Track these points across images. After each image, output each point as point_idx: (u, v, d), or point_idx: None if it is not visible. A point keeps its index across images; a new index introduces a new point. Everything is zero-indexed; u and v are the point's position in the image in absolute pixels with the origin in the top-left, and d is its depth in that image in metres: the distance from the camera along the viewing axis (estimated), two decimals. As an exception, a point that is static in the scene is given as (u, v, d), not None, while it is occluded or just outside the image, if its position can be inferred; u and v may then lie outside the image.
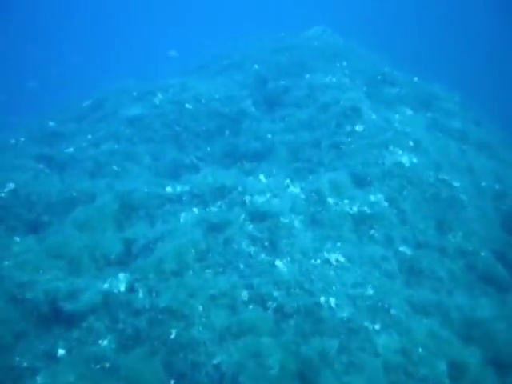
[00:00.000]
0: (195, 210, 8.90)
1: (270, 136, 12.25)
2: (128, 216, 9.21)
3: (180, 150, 12.59)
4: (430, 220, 10.51)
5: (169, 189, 9.59)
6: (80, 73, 38.05)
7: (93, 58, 42.43)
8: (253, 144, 12.19)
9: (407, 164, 10.87)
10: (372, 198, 10.01)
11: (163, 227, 8.55)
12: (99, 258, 8.20)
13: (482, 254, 10.10)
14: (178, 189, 9.55)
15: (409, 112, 13.82)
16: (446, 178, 11.21)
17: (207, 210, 8.96)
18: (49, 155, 12.01)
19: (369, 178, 10.54)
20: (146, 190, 9.52)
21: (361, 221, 9.54)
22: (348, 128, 11.86)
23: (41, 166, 11.54)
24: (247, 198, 9.00)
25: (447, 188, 11.06)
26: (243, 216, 8.66)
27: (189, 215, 8.73)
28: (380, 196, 10.04)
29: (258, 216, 8.72)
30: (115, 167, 11.32)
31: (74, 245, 8.14)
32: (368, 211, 9.63)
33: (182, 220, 8.67)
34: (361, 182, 10.54)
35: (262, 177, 10.15)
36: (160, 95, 13.69)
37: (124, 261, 8.32)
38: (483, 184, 11.99)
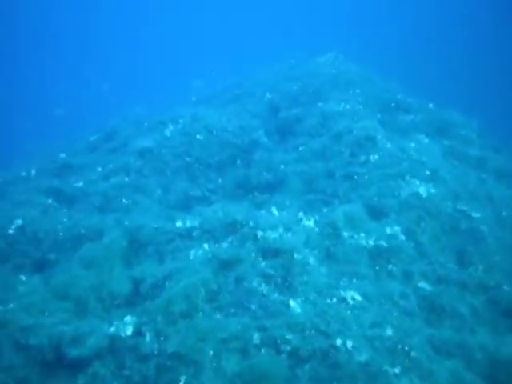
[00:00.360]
0: (205, 246, 8.61)
1: (282, 167, 12.00)
2: (136, 253, 8.93)
3: (191, 181, 12.37)
4: (450, 253, 10.12)
5: (179, 224, 9.31)
6: (106, 99, 38.25)
7: (118, 85, 42.65)
8: (265, 175, 11.95)
9: (424, 195, 10.53)
10: (388, 230, 9.66)
11: (172, 265, 8.26)
12: (106, 298, 7.91)
13: (505, 287, 9.66)
14: (188, 224, 9.26)
15: (425, 140, 13.48)
16: (465, 208, 10.85)
17: (218, 246, 8.65)
18: (58, 189, 11.84)
19: (385, 210, 10.21)
20: (155, 226, 9.26)
21: (377, 255, 9.18)
22: (362, 158, 11.58)
23: (50, 200, 11.36)
24: (259, 233, 8.70)
25: (466, 219, 10.70)
26: (255, 252, 8.36)
27: (199, 252, 8.44)
28: (397, 228, 9.69)
29: (271, 252, 8.41)
30: (125, 200, 11.11)
31: (81, 285, 7.87)
32: (385, 245, 9.28)
33: (191, 257, 8.38)
34: (377, 213, 10.21)
35: (274, 210, 9.87)
36: (171, 126, 13.53)
37: (132, 300, 8.02)
38: (504, 214, 11.60)
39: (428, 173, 11.34)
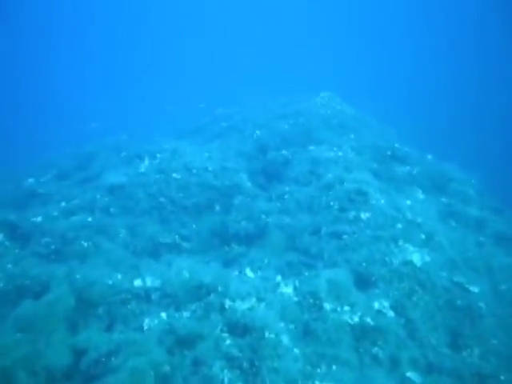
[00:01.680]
0: (163, 315, 7.42)
1: (264, 217, 10.88)
2: (84, 314, 7.72)
3: (163, 224, 11.21)
4: (444, 333, 8.98)
5: (137, 282, 8.13)
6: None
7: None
8: (244, 225, 10.82)
9: (419, 263, 9.43)
10: (376, 305, 8.52)
11: (122, 335, 7.05)
12: (40, 373, 6.66)
13: (502, 377, 8.51)
14: (149, 283, 8.09)
15: (421, 196, 12.45)
16: (462, 280, 9.76)
17: (178, 315, 7.44)
18: (14, 224, 10.66)
19: (373, 279, 9.09)
20: (110, 282, 8.08)
21: (362, 335, 8.01)
22: (352, 214, 10.49)
23: (1, 236, 10.09)
24: (227, 303, 7.53)
25: (463, 293, 9.60)
26: (220, 327, 7.17)
27: (154, 321, 7.25)
28: (386, 304, 8.55)
29: (239, 328, 7.23)
30: (84, 243, 9.89)
31: (10, 355, 6.60)
32: (371, 323, 8.12)
33: (145, 327, 7.18)
34: (364, 282, 9.08)
35: (248, 271, 8.73)
36: (147, 161, 12.41)
37: (70, 375, 6.76)
38: (503, 287, 10.47)
39: (423, 237, 10.26)
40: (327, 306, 8.23)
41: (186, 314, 7.45)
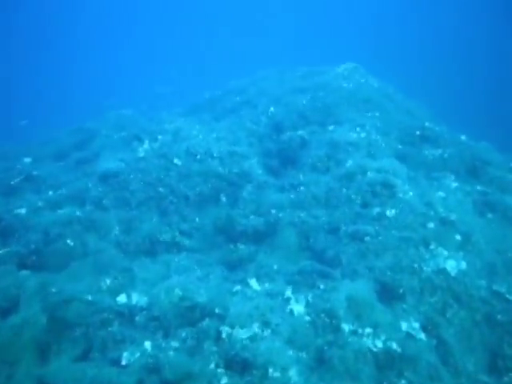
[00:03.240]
0: (147, 344, 6.19)
1: (275, 211, 9.55)
2: (58, 336, 6.57)
3: (161, 218, 9.98)
4: (482, 355, 7.68)
5: (121, 298, 6.93)
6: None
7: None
8: (253, 220, 9.52)
9: (453, 272, 8.07)
10: (404, 325, 7.21)
11: (96, 370, 5.80)
12: (-5, 417, 5.50)
13: (551, 409, 7.21)
14: (134, 300, 6.89)
15: (454, 184, 10.97)
16: (503, 289, 8.40)
17: (165, 344, 6.20)
18: (-4, 216, 9.44)
19: (401, 291, 7.76)
20: (90, 299, 6.83)
21: (387, 364, 6.75)
22: (376, 211, 9.12)
23: (-21, 230, 8.98)
24: (225, 331, 6.25)
25: (504, 305, 8.23)
26: (215, 362, 5.90)
27: (136, 354, 6.02)
28: (416, 324, 7.23)
29: (237, 363, 5.95)
30: (70, 242, 8.70)
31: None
32: (398, 349, 6.81)
33: (124, 361, 5.96)
34: (390, 295, 7.77)
35: (254, 282, 7.46)
36: (147, 144, 11.10)
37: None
38: (551, 296, 9.03)
39: (458, 238, 8.85)
40: (345, 327, 6.95)
41: (174, 344, 6.21)
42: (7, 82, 37.36)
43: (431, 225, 8.86)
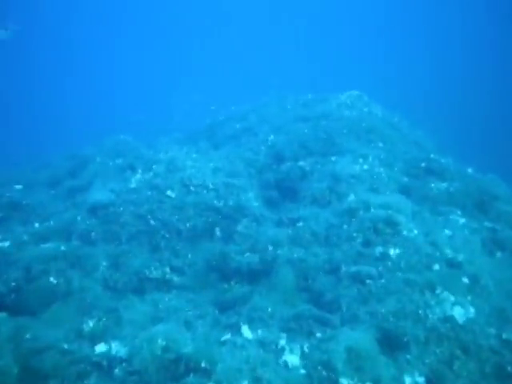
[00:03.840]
0: (124, 406, 5.61)
1: (271, 248, 9.04)
2: (30, 390, 5.96)
3: (152, 253, 9.46)
4: (491, 412, 7.05)
5: (101, 348, 6.35)
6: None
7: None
8: (248, 257, 9.01)
9: (461, 320, 7.53)
10: (408, 380, 6.64)
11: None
12: None
13: None
14: (114, 350, 6.33)
15: (461, 220, 10.46)
16: (514, 338, 7.77)
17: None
18: (-24, 249, 8.95)
19: (405, 340, 7.18)
20: (67, 348, 6.29)
21: (388, 426, 6.12)
22: (379, 250, 8.60)
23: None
24: (212, 389, 5.67)
25: (514, 355, 7.61)
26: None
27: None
28: (420, 379, 6.65)
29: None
30: (53, 280, 8.19)
31: None
32: (400, 409, 6.21)
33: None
34: (393, 343, 7.21)
35: (246, 329, 6.92)
36: (139, 174, 10.67)
37: None
38: None
39: (466, 281, 8.32)
40: (344, 381, 6.39)
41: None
42: (5, 103, 37.16)
43: (437, 267, 8.35)
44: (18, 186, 13.35)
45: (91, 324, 7.35)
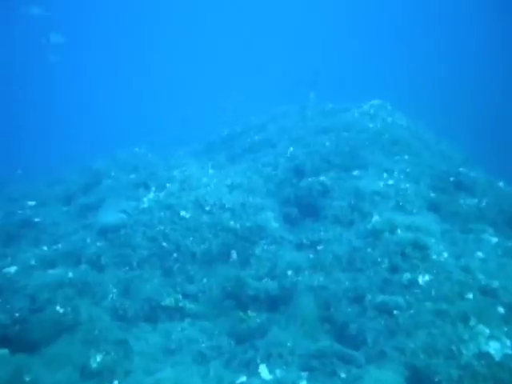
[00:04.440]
0: None
1: (291, 273, 8.48)
2: None
3: (165, 278, 9.01)
4: None
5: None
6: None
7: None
8: (266, 283, 8.48)
9: (497, 356, 6.86)
10: (440, 428, 6.00)
11: None
12: None
13: None
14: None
15: (493, 239, 9.80)
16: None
17: None
18: (-18, 275, 8.55)
19: (436, 379, 6.55)
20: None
21: None
22: (406, 277, 8.00)
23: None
24: None
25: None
26: None
27: None
28: (454, 427, 6.01)
29: None
30: (59, 309, 7.72)
31: None
32: None
33: None
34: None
35: (263, 368, 6.37)
36: (152, 192, 10.20)
37: None
38: None
39: (502, 311, 7.64)
40: (370, 431, 5.78)
41: None
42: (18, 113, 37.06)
43: (470, 295, 7.69)
44: (32, 202, 13.07)
45: (98, 359, 6.90)
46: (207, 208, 9.76)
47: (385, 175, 11.15)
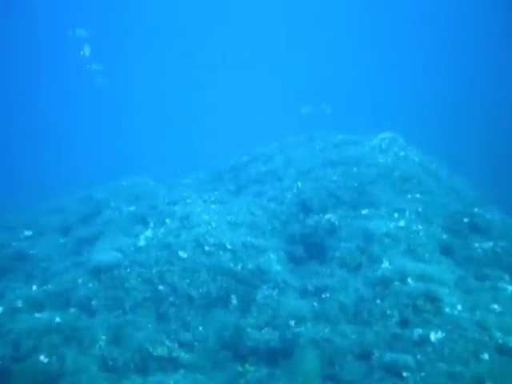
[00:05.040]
0: None
1: (293, 324, 7.91)
2: None
3: (159, 323, 8.47)
4: None
5: None
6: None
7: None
8: (266, 333, 7.90)
9: (517, 428, 6.21)
10: None
11: None
12: None
13: None
14: None
15: (510, 288, 9.17)
16: None
17: None
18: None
19: None
20: None
21: None
22: (418, 332, 7.40)
23: None
24: None
25: None
26: None
27: None
28: None
29: None
30: (44, 358, 7.20)
31: None
32: None
33: None
34: None
35: None
36: (150, 229, 9.69)
37: None
38: None
39: (521, 373, 7.01)
40: None
41: None
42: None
43: (486, 356, 7.09)
44: (28, 232, 12.68)
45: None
46: (207, 248, 9.25)
47: (395, 215, 10.65)
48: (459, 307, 7.99)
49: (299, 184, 12.49)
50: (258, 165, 14.93)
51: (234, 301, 8.72)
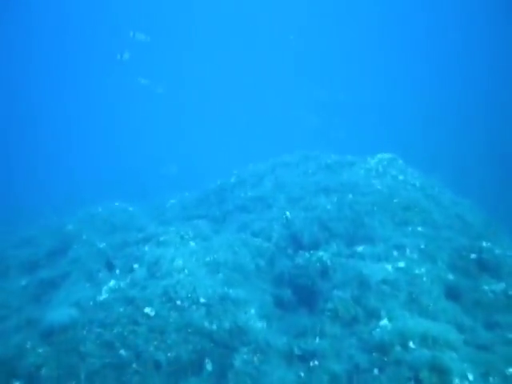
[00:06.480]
0: None
1: (275, 401, 6.69)
2: None
3: (121, 396, 7.17)
4: None
5: None
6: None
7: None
8: (245, 411, 6.65)
9: None
10: None
11: None
12: None
13: None
14: None
15: (525, 341, 7.97)
16: None
17: None
18: None
19: None
20: None
21: None
22: (422, 415, 6.16)
23: None
24: None
25: None
26: None
27: None
28: None
29: None
30: None
31: None
32: None
33: None
34: None
35: None
36: (113, 280, 8.46)
37: None
38: None
39: None
40: None
41: None
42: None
43: None
44: None
45: None
46: (178, 302, 8.03)
47: (395, 253, 9.51)
48: (470, 377, 6.79)
49: (288, 214, 11.38)
50: (246, 188, 13.81)
51: (209, 366, 7.50)
